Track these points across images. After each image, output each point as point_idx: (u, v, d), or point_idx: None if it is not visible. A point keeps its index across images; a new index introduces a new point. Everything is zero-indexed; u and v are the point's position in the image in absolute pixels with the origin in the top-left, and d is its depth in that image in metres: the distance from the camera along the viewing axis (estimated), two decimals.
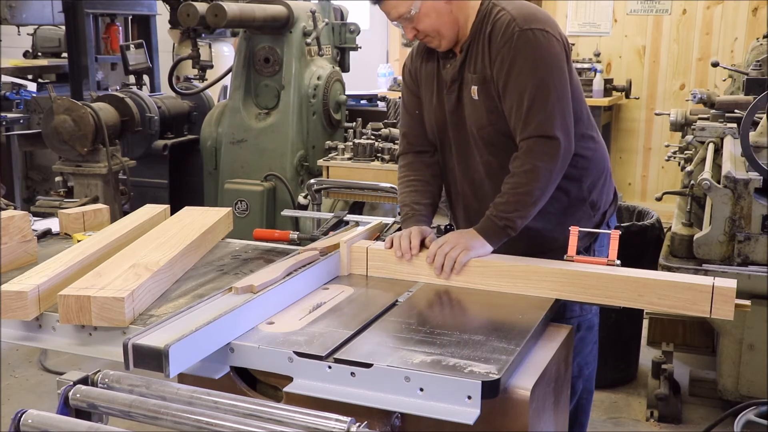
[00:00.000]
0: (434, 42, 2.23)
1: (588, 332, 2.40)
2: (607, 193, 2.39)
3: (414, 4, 2.15)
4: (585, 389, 2.46)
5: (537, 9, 2.19)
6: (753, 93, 3.65)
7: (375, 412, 1.56)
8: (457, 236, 2.11)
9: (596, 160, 2.33)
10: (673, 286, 1.90)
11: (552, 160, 2.09)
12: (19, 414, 1.41)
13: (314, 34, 4.62)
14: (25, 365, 3.98)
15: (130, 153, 4.89)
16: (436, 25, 2.17)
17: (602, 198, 2.36)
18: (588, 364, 2.44)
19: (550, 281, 1.99)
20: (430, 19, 2.16)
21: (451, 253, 2.06)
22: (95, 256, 2.12)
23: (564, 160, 2.12)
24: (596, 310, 2.42)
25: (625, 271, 1.99)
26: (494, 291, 2.04)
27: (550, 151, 2.09)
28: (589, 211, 2.33)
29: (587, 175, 2.30)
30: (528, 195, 2.10)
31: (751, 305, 1.89)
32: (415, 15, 2.16)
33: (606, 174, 2.39)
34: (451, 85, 2.26)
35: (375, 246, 2.20)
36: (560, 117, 2.10)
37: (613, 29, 7.23)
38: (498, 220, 2.11)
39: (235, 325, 1.70)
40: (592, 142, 2.32)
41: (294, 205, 4.40)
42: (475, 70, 2.19)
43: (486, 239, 2.10)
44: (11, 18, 6.49)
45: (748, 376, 3.11)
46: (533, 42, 2.09)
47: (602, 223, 2.37)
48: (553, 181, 2.13)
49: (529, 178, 2.09)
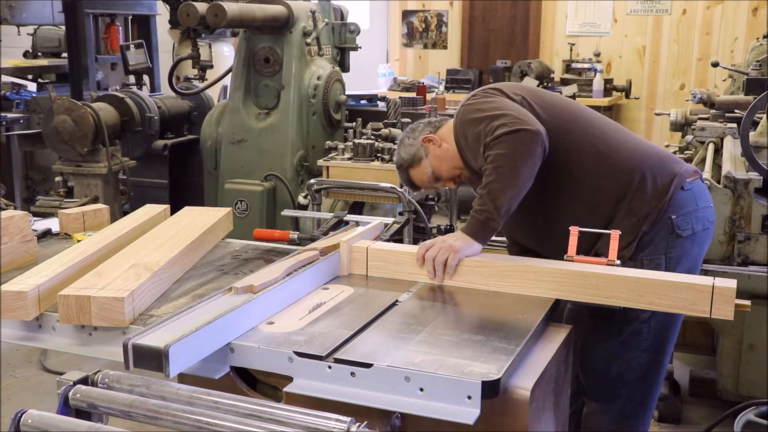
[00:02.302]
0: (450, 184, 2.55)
1: (632, 338, 2.28)
2: (650, 195, 2.24)
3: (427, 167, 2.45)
4: (628, 400, 2.36)
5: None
6: (753, 93, 3.65)
7: (375, 412, 1.56)
8: (442, 240, 2.13)
9: (612, 172, 2.27)
10: (673, 286, 1.90)
11: (505, 143, 2.12)
12: (19, 414, 1.41)
13: (314, 34, 4.62)
14: (25, 365, 3.98)
15: (130, 153, 4.89)
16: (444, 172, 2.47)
17: (643, 202, 2.24)
18: (631, 371, 2.32)
19: (550, 281, 1.99)
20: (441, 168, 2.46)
21: (439, 258, 2.08)
22: (95, 256, 2.12)
23: (521, 136, 2.12)
24: (647, 317, 2.24)
25: (625, 271, 1.99)
26: (494, 291, 2.05)
27: (500, 136, 2.13)
28: (633, 219, 2.24)
29: (606, 189, 2.26)
30: (495, 184, 2.12)
31: (751, 305, 1.89)
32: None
33: (639, 179, 2.25)
34: None
35: (375, 246, 2.20)
36: (500, 112, 2.18)
37: (613, 29, 7.23)
38: (478, 215, 2.13)
39: (235, 325, 1.70)
40: (594, 157, 2.28)
41: (294, 205, 4.40)
42: None
43: (473, 237, 2.12)
44: (11, 18, 6.48)
45: (748, 376, 3.11)
46: (474, 97, 2.35)
47: (656, 225, 2.24)
48: (519, 166, 2.12)
49: (492, 167, 2.13)
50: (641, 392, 2.38)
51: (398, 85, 7.81)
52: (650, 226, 2.23)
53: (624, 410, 2.38)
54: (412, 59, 8.44)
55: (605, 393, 2.37)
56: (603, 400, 2.38)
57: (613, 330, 2.28)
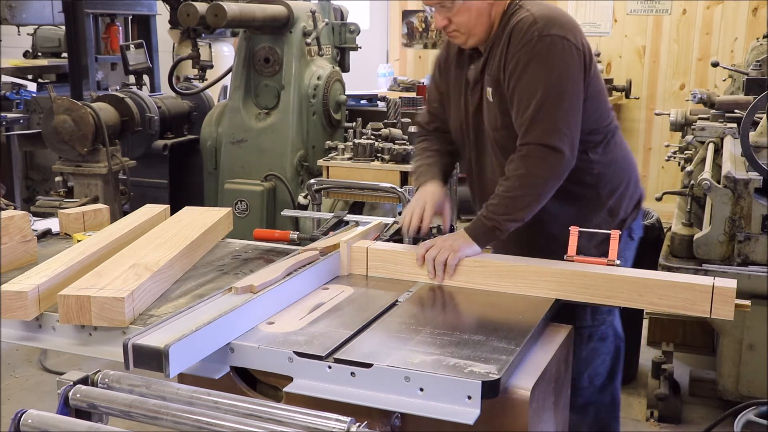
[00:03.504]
0: (460, 39, 2.18)
1: (600, 343, 2.36)
2: (629, 198, 2.33)
3: None
4: (601, 402, 2.41)
5: (562, 14, 2.13)
6: (753, 93, 3.65)
7: (375, 412, 1.56)
8: (443, 239, 2.11)
9: (617, 167, 2.30)
10: (673, 286, 1.90)
11: (551, 171, 2.07)
12: (19, 414, 1.41)
13: (314, 34, 4.62)
14: (25, 365, 3.98)
15: (130, 153, 4.89)
16: (472, 23, 2.12)
17: (623, 204, 2.32)
18: (599, 376, 2.39)
19: (550, 281, 1.99)
20: (470, 14, 2.10)
21: (439, 258, 2.05)
22: (95, 256, 2.12)
23: (563, 172, 2.09)
24: (610, 320, 2.38)
25: (625, 271, 1.99)
26: (494, 291, 2.04)
27: (551, 161, 2.06)
28: (607, 217, 2.29)
29: (605, 181, 2.27)
30: (519, 200, 2.07)
31: (751, 305, 1.89)
32: (457, 6, 2.09)
33: (629, 181, 2.33)
34: (474, 86, 2.24)
35: (375, 246, 2.20)
36: (566, 129, 2.05)
37: (613, 29, 7.23)
38: (487, 221, 2.09)
39: (235, 325, 1.70)
40: (612, 148, 2.29)
41: (294, 205, 4.40)
42: (491, 72, 2.16)
43: (474, 239, 2.09)
44: (11, 18, 6.48)
45: (748, 376, 3.11)
46: (551, 48, 2.04)
47: (621, 230, 2.28)
48: (547, 192, 2.10)
49: (523, 184, 2.07)
50: (610, 392, 2.42)
51: (398, 85, 7.80)
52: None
53: (598, 414, 2.40)
54: (412, 59, 8.43)
55: (580, 401, 2.37)
56: (578, 410, 2.36)
57: (582, 337, 2.29)
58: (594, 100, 2.17)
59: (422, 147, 2.43)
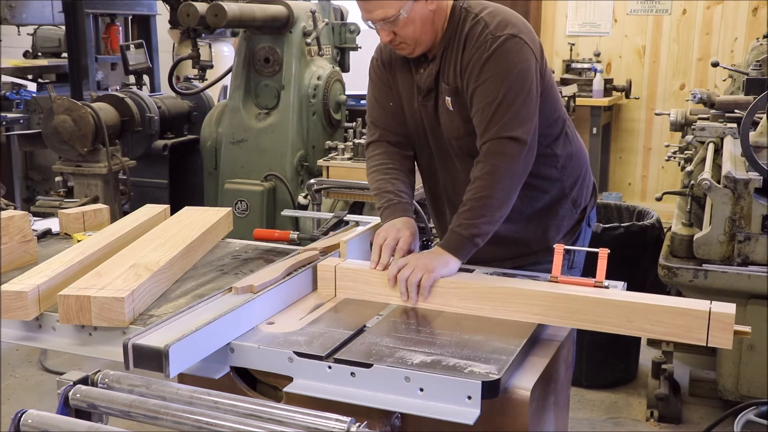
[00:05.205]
0: (407, 50, 2.14)
1: None
2: (587, 188, 2.38)
3: (405, 6, 2.03)
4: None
5: (510, 13, 2.12)
6: (753, 93, 3.65)
7: (375, 412, 1.56)
8: (416, 258, 1.98)
9: (576, 158, 2.32)
10: (665, 311, 1.74)
11: (513, 160, 2.02)
12: (19, 414, 1.41)
13: (314, 34, 4.62)
14: (25, 365, 3.98)
15: (130, 153, 4.89)
16: (417, 33, 2.08)
17: (582, 194, 2.35)
18: None
19: (532, 304, 1.85)
20: (414, 26, 2.07)
21: (412, 278, 1.91)
22: (95, 256, 2.12)
23: (526, 161, 2.05)
24: None
25: (614, 294, 1.84)
26: (472, 315, 1.88)
27: (511, 151, 2.02)
28: (571, 208, 2.32)
29: (568, 174, 2.28)
30: (491, 198, 2.01)
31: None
32: (401, 20, 2.05)
33: (585, 170, 2.37)
34: (427, 95, 2.19)
35: (344, 265, 2.03)
36: (525, 120, 2.04)
37: (613, 29, 7.23)
38: (463, 230, 2.00)
39: (235, 325, 1.70)
40: (571, 140, 2.31)
41: (294, 205, 4.40)
42: (448, 81, 2.13)
43: (453, 254, 1.99)
44: (11, 18, 6.49)
45: (748, 376, 3.11)
46: (505, 48, 2.03)
47: (583, 219, 2.36)
48: (516, 184, 2.06)
49: (491, 180, 2.02)
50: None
51: None
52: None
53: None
54: None
55: None
56: None
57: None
58: (548, 93, 2.18)
59: (385, 167, 2.28)
